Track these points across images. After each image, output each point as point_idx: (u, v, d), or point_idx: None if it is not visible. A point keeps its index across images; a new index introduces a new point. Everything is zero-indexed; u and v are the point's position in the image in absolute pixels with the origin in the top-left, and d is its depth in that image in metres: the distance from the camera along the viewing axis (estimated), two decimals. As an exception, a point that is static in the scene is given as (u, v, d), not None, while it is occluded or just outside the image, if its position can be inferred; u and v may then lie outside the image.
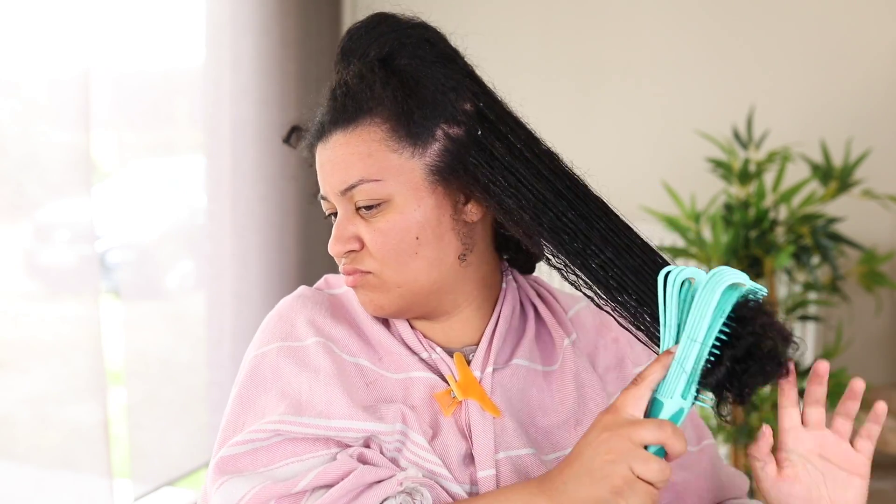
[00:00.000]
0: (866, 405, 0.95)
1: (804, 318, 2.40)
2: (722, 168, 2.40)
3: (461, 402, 0.89)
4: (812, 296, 2.46)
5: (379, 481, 0.83)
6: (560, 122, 2.91)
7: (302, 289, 0.99)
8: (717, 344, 0.77)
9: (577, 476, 0.76)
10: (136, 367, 2.35)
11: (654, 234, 2.81)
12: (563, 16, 3.01)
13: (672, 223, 2.40)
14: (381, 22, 0.90)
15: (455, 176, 0.88)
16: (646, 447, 0.76)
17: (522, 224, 0.86)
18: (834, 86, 2.74)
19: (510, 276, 0.99)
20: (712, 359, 0.78)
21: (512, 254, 1.00)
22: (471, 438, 0.88)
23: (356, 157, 0.87)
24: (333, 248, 0.90)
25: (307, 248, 2.90)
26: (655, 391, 0.78)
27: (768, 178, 2.45)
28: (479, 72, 0.92)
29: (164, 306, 2.56)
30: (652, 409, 0.78)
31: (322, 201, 0.93)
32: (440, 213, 0.88)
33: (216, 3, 2.51)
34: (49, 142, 2.02)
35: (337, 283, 1.01)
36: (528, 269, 1.03)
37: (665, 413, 0.78)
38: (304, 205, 2.86)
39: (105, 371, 2.13)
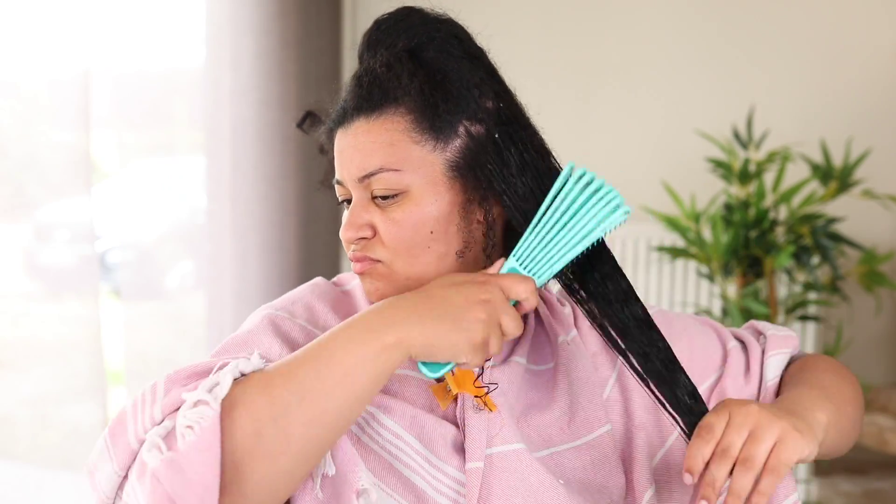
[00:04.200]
0: (867, 406, 0.95)
1: (804, 318, 2.40)
2: (722, 168, 2.40)
3: (457, 395, 0.90)
4: (812, 296, 2.46)
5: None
6: (560, 123, 2.91)
7: (318, 279, 1.01)
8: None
9: (439, 318, 0.78)
10: (136, 367, 2.35)
11: (654, 234, 2.82)
12: (563, 16, 3.01)
13: (672, 223, 2.40)
14: (410, 14, 0.91)
15: (472, 174, 0.89)
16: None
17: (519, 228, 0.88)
18: (834, 86, 2.74)
19: None
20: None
21: None
22: (464, 431, 0.88)
23: (378, 146, 0.88)
24: (345, 233, 0.90)
25: (307, 248, 2.90)
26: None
27: (768, 178, 2.45)
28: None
29: (164, 306, 2.56)
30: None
31: (336, 186, 0.94)
32: (455, 209, 0.89)
33: (216, 3, 2.51)
34: (49, 142, 2.02)
35: (347, 280, 1.02)
36: None
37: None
38: (304, 205, 2.86)
39: (105, 371, 2.13)
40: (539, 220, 0.86)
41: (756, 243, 2.30)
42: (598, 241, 0.86)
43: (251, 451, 0.73)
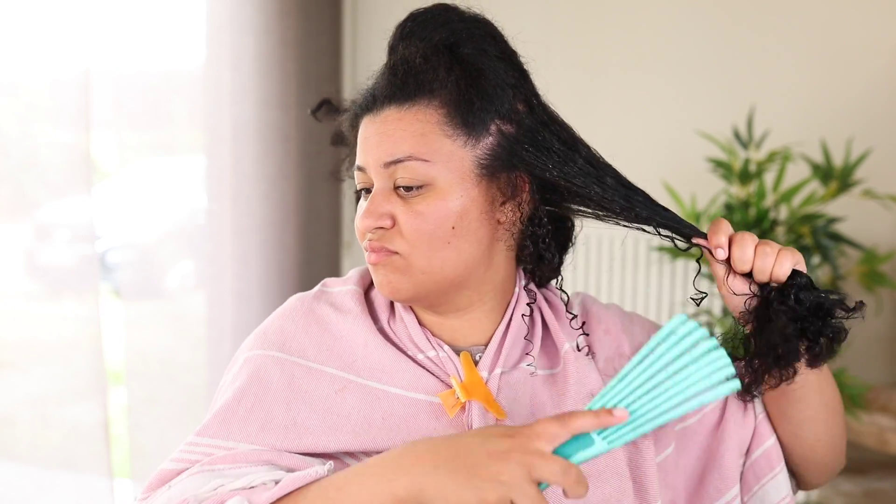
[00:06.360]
0: (867, 405, 0.96)
1: (804, 318, 2.40)
2: (722, 168, 2.40)
3: (465, 403, 0.88)
4: (812, 296, 2.46)
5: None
6: (560, 122, 2.91)
7: (290, 300, 1.00)
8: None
9: (455, 469, 0.71)
10: (136, 367, 2.35)
11: (655, 234, 2.82)
12: (562, 15, 3.01)
13: (672, 223, 2.40)
14: (448, 10, 0.92)
15: (502, 172, 0.89)
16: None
17: (577, 201, 0.91)
18: (834, 86, 2.73)
19: (523, 282, 0.99)
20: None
21: (532, 267, 0.99)
22: None
23: (409, 134, 0.87)
24: (363, 221, 0.88)
25: (307, 248, 2.90)
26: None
27: (769, 178, 2.45)
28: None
29: (164, 306, 2.56)
30: (574, 440, 0.74)
31: (357, 173, 0.92)
32: (479, 207, 0.89)
33: (216, 3, 2.51)
34: (49, 142, 2.02)
35: (333, 283, 1.00)
36: (543, 282, 1.02)
37: (586, 451, 0.73)
38: (304, 204, 2.86)
39: (105, 371, 2.13)
40: (627, 375, 0.74)
41: (756, 243, 2.30)
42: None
43: None
